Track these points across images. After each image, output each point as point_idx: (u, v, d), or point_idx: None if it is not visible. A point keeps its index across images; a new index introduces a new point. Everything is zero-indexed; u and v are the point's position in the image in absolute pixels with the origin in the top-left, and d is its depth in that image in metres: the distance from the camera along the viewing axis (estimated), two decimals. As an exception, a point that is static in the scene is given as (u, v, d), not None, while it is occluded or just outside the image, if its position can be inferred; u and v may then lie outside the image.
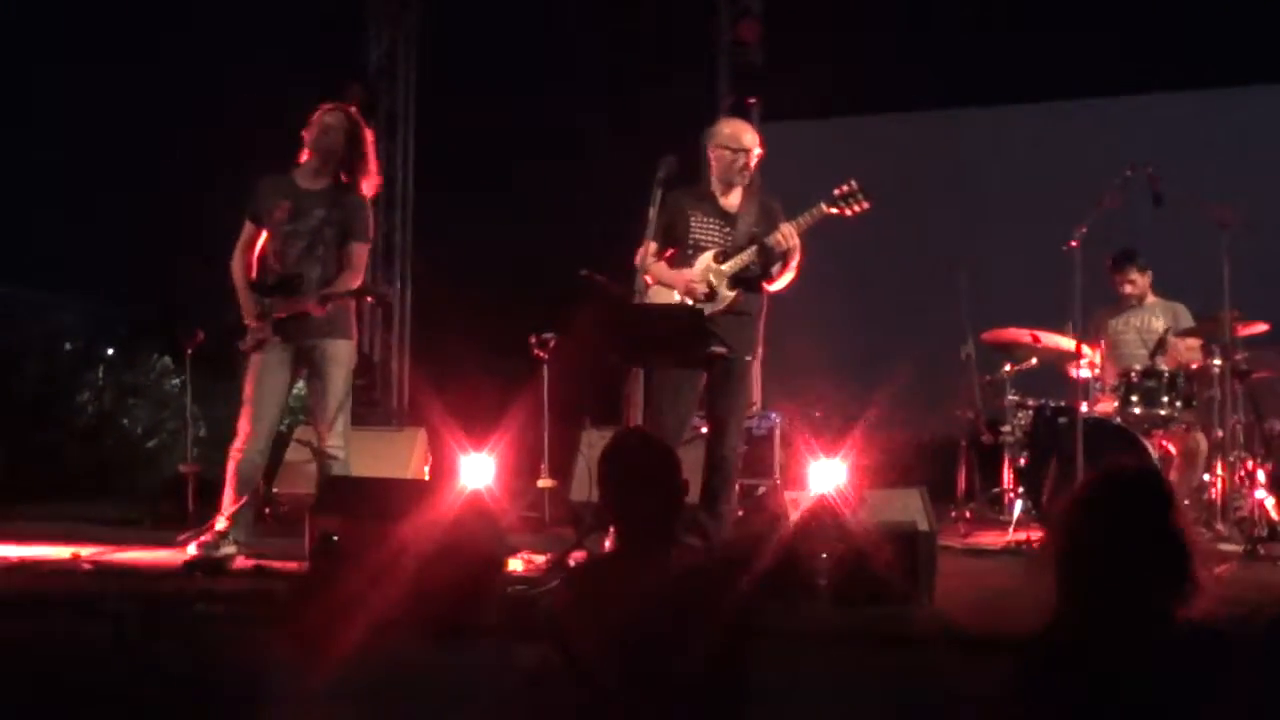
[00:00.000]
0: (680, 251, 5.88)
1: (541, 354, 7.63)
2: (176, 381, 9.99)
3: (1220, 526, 6.84)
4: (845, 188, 5.80)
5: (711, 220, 5.87)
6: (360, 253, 5.95)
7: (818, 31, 9.50)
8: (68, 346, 11.01)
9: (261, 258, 5.98)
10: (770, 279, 5.86)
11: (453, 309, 10.35)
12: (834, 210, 5.79)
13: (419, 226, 10.76)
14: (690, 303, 5.74)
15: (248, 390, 5.92)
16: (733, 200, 5.94)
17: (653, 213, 5.56)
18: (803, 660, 4.01)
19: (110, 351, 11.04)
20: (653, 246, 5.82)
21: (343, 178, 5.95)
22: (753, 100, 10.07)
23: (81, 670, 3.82)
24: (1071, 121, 9.76)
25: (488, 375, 9.79)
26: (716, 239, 5.87)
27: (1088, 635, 2.24)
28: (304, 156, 5.97)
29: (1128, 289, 7.60)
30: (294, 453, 7.58)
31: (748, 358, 5.84)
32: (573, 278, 6.60)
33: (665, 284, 5.84)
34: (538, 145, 9.94)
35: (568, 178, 9.55)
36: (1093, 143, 9.15)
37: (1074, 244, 6.48)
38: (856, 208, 5.77)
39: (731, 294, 5.79)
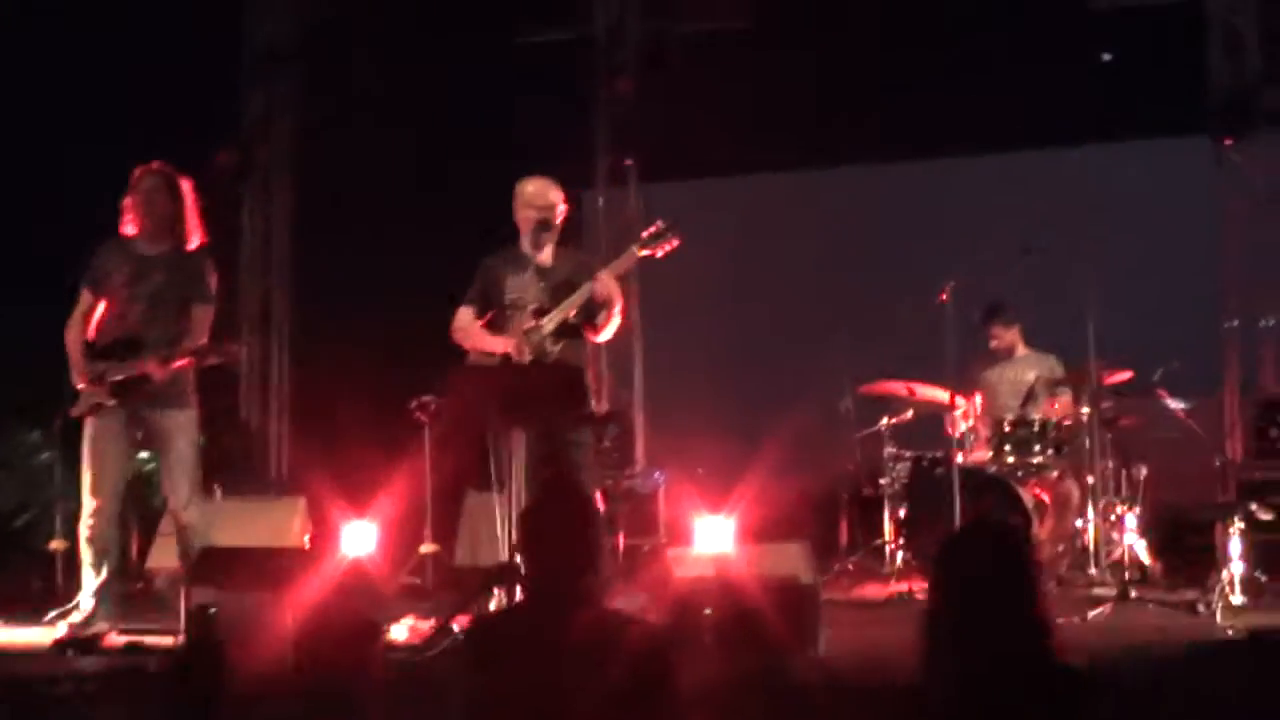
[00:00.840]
0: (499, 314, 5.90)
1: (422, 417, 7.57)
2: (46, 456, 9.72)
3: (1094, 571, 7.01)
4: (654, 228, 5.88)
5: (525, 276, 5.88)
6: (202, 314, 5.84)
7: (691, 93, 9.64)
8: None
9: (101, 323, 5.83)
10: (596, 329, 5.89)
11: (332, 372, 10.22)
12: (645, 252, 5.86)
13: (296, 288, 10.62)
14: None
15: (86, 461, 5.77)
16: (545, 257, 5.94)
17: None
18: (692, 714, 4.00)
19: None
20: (468, 312, 5.92)
21: (183, 239, 5.88)
22: (629, 161, 10.17)
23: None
24: (944, 177, 10.00)
25: (369, 440, 9.68)
26: (531, 295, 5.87)
27: (957, 685, 2.29)
28: (134, 225, 5.88)
29: (993, 343, 7.80)
30: (167, 525, 7.41)
31: (603, 408, 5.84)
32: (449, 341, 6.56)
33: (486, 349, 5.85)
34: (417, 204, 9.90)
35: (447, 238, 9.52)
36: (963, 198, 9.39)
37: (943, 297, 6.64)
38: (666, 246, 5.85)
39: (557, 349, 5.80)
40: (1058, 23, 8.88)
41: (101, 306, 5.84)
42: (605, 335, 5.97)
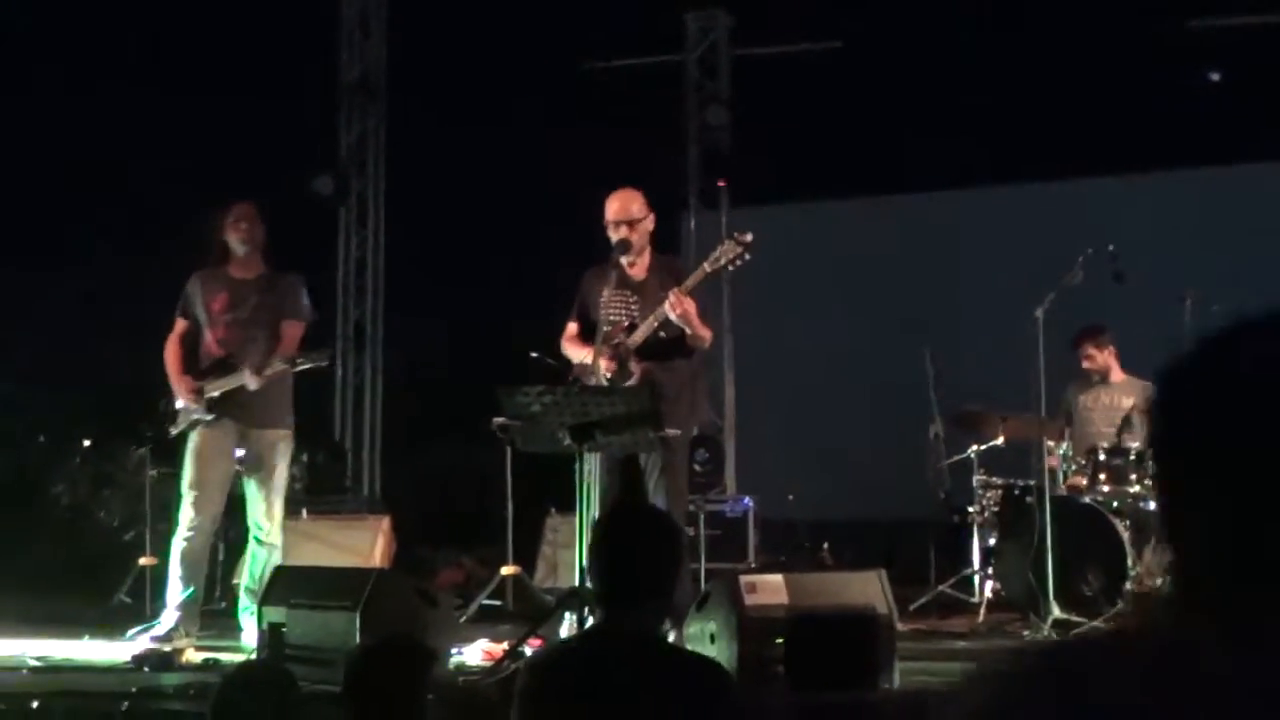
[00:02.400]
0: (596, 329, 5.83)
1: (505, 439, 7.56)
2: (154, 473, 9.91)
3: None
4: (727, 244, 5.68)
5: (617, 293, 5.81)
6: (292, 329, 6.03)
7: (786, 117, 9.58)
8: (40, 439, 10.94)
9: (203, 350, 6.05)
10: (689, 343, 5.81)
11: (425, 395, 10.32)
12: (714, 267, 5.75)
13: (390, 312, 10.76)
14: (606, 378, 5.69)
15: (189, 476, 5.92)
16: (638, 270, 5.89)
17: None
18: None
19: (87, 443, 10.97)
20: (574, 328, 5.92)
21: (272, 263, 6.13)
22: (722, 183, 10.14)
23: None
24: (1035, 203, 9.82)
25: (459, 461, 9.74)
26: (622, 311, 5.82)
27: None
28: (231, 254, 6.08)
29: (1086, 364, 7.57)
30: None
31: (675, 432, 5.70)
32: (541, 362, 6.55)
33: (575, 360, 5.86)
34: (510, 232, 9.97)
35: (540, 263, 9.56)
36: (1056, 224, 9.18)
37: (1038, 315, 6.48)
38: (739, 261, 5.72)
39: (641, 367, 5.73)
40: (1156, 42, 8.68)
41: (205, 334, 6.03)
42: (700, 347, 5.88)
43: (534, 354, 6.19)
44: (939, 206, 10.16)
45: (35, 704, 4.00)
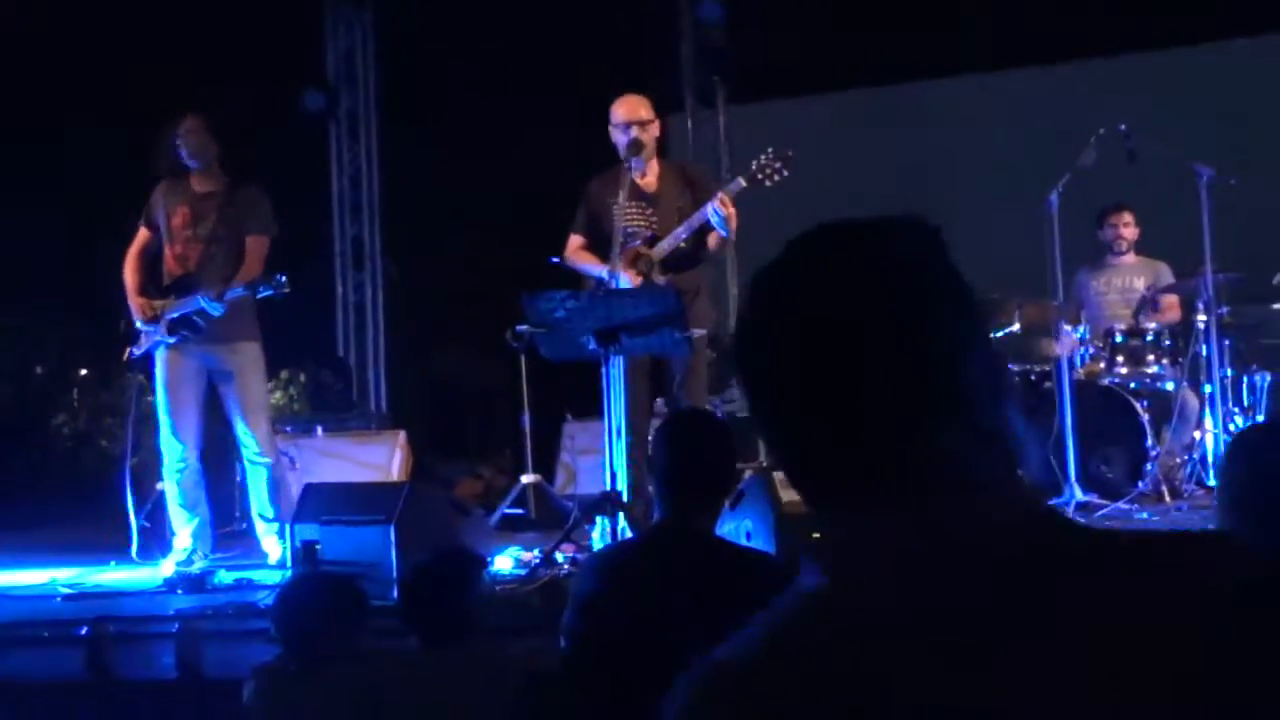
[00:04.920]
0: (610, 241, 5.70)
1: (518, 348, 7.52)
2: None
3: (1212, 482, 6.79)
4: (764, 158, 5.66)
5: (632, 205, 5.71)
6: (256, 245, 5.82)
7: (782, 8, 9.41)
8: (39, 370, 10.89)
9: (165, 265, 5.88)
10: (708, 246, 5.77)
11: (426, 307, 10.25)
12: (752, 184, 5.68)
13: (387, 227, 10.65)
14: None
15: (162, 403, 5.84)
16: (649, 180, 5.81)
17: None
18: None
19: (84, 372, 10.92)
20: (578, 240, 5.86)
21: (231, 175, 5.90)
22: (717, 80, 9.99)
23: (60, 698, 3.72)
24: (1041, 87, 9.69)
25: (466, 373, 9.71)
26: (639, 222, 5.74)
27: None
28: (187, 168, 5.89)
29: (1122, 230, 7.50)
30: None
31: (701, 331, 5.69)
32: (544, 269, 6.49)
33: (591, 276, 5.78)
34: (503, 141, 9.82)
35: (536, 170, 9.44)
36: (1063, 108, 9.07)
37: (1052, 199, 6.42)
38: (776, 176, 5.66)
39: (664, 279, 5.68)
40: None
41: (165, 250, 5.87)
42: (719, 255, 5.85)
43: (554, 259, 6.11)
44: (942, 94, 10.02)
45: (84, 629, 3.97)
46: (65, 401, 10.49)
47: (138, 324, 5.84)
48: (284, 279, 5.53)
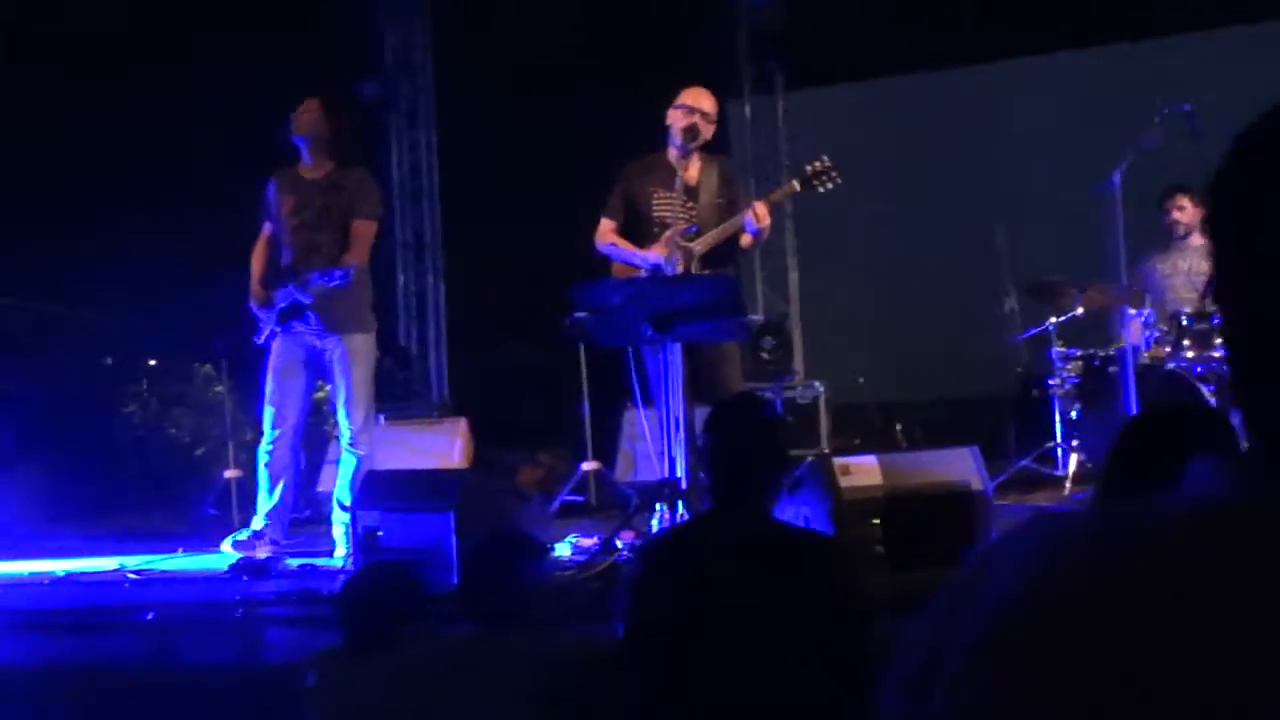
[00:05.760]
0: (645, 229, 5.76)
1: (574, 336, 7.53)
2: (220, 388, 9.98)
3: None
4: (818, 164, 5.67)
5: (673, 195, 5.72)
6: (362, 229, 5.82)
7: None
8: (108, 360, 11.02)
9: (274, 252, 5.96)
10: (741, 246, 5.77)
11: (487, 296, 10.30)
12: (805, 188, 5.67)
13: (447, 217, 10.71)
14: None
15: (268, 390, 5.90)
16: (692, 172, 5.79)
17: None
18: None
19: (152, 362, 11.04)
20: (610, 224, 5.82)
21: (342, 161, 5.91)
22: (774, 67, 9.95)
23: (127, 682, 3.77)
24: (1102, 67, 9.56)
25: (526, 361, 9.74)
26: (680, 214, 5.73)
27: None
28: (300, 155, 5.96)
29: (1176, 214, 7.36)
30: (333, 452, 7.54)
31: (757, 318, 5.71)
32: (600, 257, 6.49)
33: (631, 263, 5.75)
34: (562, 127, 9.83)
35: (593, 158, 9.44)
36: (1124, 88, 8.95)
37: (1114, 181, 6.33)
38: (829, 184, 5.65)
39: (701, 271, 5.67)
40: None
41: (281, 240, 5.95)
42: (748, 248, 5.85)
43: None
44: (1002, 77, 9.91)
45: (151, 615, 4.04)
46: (134, 391, 10.60)
47: (255, 311, 5.91)
48: (345, 272, 5.54)
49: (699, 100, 5.78)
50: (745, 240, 5.74)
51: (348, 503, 5.83)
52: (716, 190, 5.76)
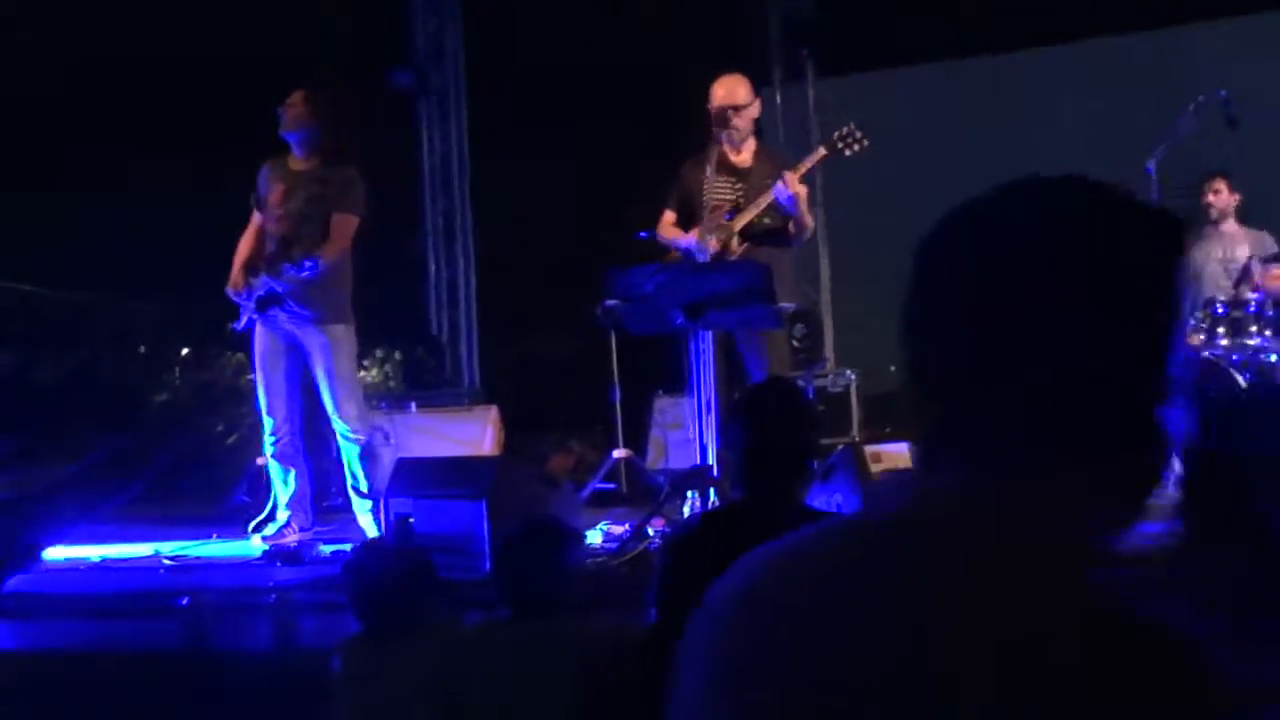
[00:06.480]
0: (699, 215, 5.82)
1: (606, 324, 7.53)
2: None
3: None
4: (844, 130, 5.75)
5: (722, 179, 5.79)
6: (341, 223, 5.76)
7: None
8: (141, 349, 11.09)
9: (259, 240, 5.94)
10: (790, 232, 5.77)
11: (517, 284, 10.30)
12: (831, 152, 5.69)
13: (478, 204, 10.72)
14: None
15: (257, 379, 5.95)
16: (744, 158, 5.88)
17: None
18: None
19: (185, 351, 11.10)
20: (670, 216, 5.87)
21: (331, 154, 5.86)
22: (805, 55, 9.91)
23: (162, 666, 3.80)
24: (1136, 54, 9.48)
25: (557, 349, 9.75)
26: (729, 196, 5.78)
27: None
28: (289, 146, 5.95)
29: (1211, 198, 7.31)
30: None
31: (789, 305, 5.70)
32: (633, 244, 6.50)
33: (678, 247, 5.82)
34: (593, 115, 9.83)
35: (624, 145, 9.44)
36: (1159, 74, 8.87)
37: (1149, 167, 6.29)
38: (856, 147, 5.67)
39: (742, 249, 5.71)
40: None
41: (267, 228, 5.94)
42: (803, 236, 5.87)
43: (642, 233, 6.12)
44: (1036, 65, 9.84)
45: (185, 600, 4.07)
46: (167, 379, 10.66)
47: (232, 297, 5.91)
48: (314, 264, 5.55)
49: (729, 95, 5.86)
50: (794, 227, 5.75)
51: (364, 490, 5.85)
52: (768, 174, 5.79)
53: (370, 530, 5.85)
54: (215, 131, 9.63)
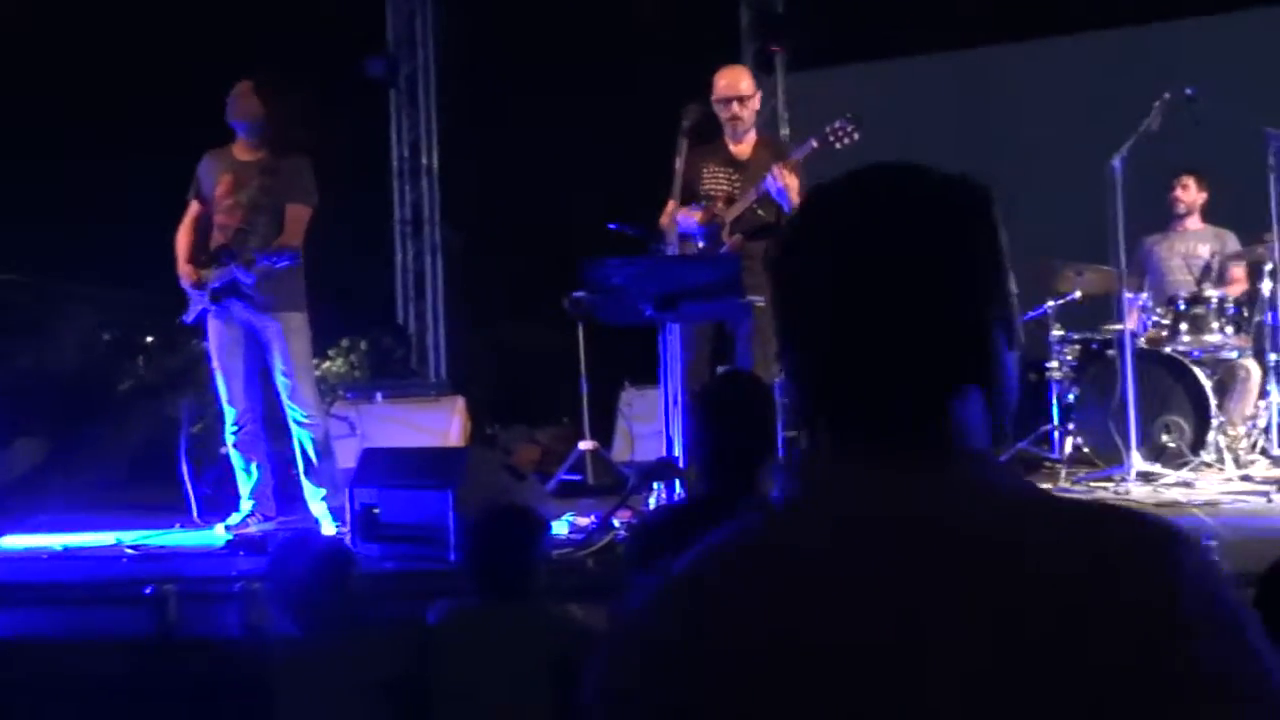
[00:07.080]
0: (697, 204, 5.96)
1: (576, 314, 7.53)
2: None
3: (1277, 452, 6.71)
4: (836, 123, 5.80)
5: (720, 170, 5.88)
6: (296, 214, 5.75)
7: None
8: (105, 336, 11.00)
9: (211, 235, 5.88)
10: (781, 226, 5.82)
11: (486, 275, 10.29)
12: (823, 145, 5.74)
13: (446, 194, 10.69)
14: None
15: (215, 371, 5.93)
16: (743, 149, 6.00)
17: (678, 164, 5.64)
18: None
19: (150, 339, 11.02)
20: (673, 205, 5.92)
21: (279, 145, 5.83)
22: (776, 48, 9.91)
23: (126, 657, 3.78)
24: (1104, 51, 9.53)
25: (525, 340, 9.74)
26: (725, 187, 5.85)
27: None
28: (236, 135, 5.91)
29: (1178, 193, 7.38)
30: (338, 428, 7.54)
31: (761, 299, 5.71)
32: (603, 235, 6.51)
33: (680, 229, 5.90)
34: (561, 105, 9.82)
35: (593, 135, 9.44)
36: (1126, 72, 8.92)
37: (1115, 164, 6.33)
38: (847, 140, 5.71)
39: (732, 241, 5.80)
40: None
41: (212, 219, 5.89)
42: None
43: (612, 225, 6.13)
44: (1003, 60, 9.88)
45: (149, 589, 4.05)
46: (131, 368, 10.59)
47: (186, 290, 5.88)
48: (293, 254, 5.57)
49: (731, 86, 5.97)
50: (784, 219, 5.79)
51: (315, 480, 5.84)
52: (766, 165, 5.84)
53: (323, 517, 5.84)
54: (185, 118, 9.57)
